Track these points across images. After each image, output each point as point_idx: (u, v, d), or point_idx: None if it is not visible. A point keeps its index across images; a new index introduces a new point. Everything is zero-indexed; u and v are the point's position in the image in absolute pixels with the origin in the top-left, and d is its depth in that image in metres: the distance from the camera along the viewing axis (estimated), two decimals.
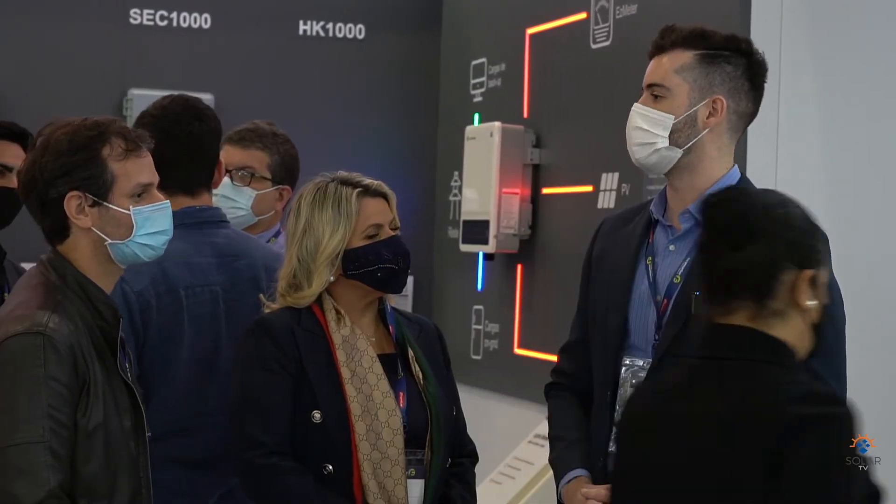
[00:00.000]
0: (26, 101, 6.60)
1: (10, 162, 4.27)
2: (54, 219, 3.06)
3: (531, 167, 6.21)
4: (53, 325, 2.94)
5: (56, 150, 3.04)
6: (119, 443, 3.00)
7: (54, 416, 2.89)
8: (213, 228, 3.77)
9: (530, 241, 6.22)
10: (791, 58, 4.76)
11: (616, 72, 5.50)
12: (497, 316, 6.50)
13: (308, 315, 3.54)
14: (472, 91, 6.87)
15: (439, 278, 7.15)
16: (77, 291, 3.03)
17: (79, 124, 3.07)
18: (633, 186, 5.39)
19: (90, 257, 3.07)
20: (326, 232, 3.51)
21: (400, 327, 3.62)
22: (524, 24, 6.35)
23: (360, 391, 3.47)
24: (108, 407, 2.99)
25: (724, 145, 3.28)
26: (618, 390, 3.28)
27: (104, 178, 3.05)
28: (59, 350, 2.92)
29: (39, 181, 3.04)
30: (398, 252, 3.54)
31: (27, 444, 2.86)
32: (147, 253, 3.12)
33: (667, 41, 3.29)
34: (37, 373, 2.89)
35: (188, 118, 3.77)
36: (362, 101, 7.29)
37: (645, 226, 3.34)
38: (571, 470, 3.31)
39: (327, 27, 7.28)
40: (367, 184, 3.56)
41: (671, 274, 3.26)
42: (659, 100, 3.26)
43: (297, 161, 4.68)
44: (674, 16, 4.99)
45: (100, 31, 7.01)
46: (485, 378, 6.51)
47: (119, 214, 3.06)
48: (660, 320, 3.24)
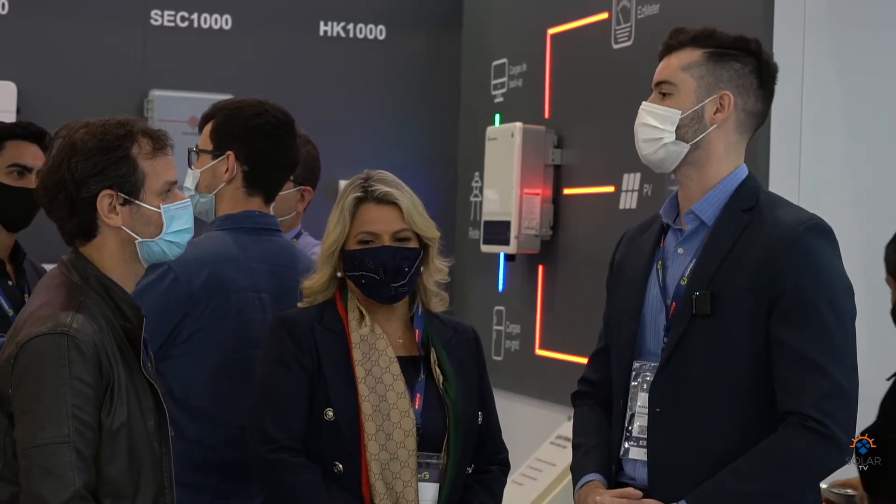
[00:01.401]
0: (48, 103, 6.62)
1: (30, 163, 4.29)
2: (83, 219, 3.06)
3: (552, 168, 6.20)
4: (77, 325, 2.94)
5: (86, 150, 3.03)
6: (142, 443, 3.01)
7: (79, 416, 2.89)
8: (267, 236, 3.81)
9: (551, 242, 6.21)
10: (814, 56, 4.74)
11: (638, 72, 5.48)
12: (518, 317, 6.49)
13: (331, 313, 3.56)
14: (493, 91, 6.86)
15: (460, 279, 7.13)
16: (99, 291, 3.04)
17: (103, 124, 3.08)
18: (655, 187, 5.38)
19: (116, 257, 3.08)
20: (330, 227, 3.57)
21: (427, 330, 3.62)
22: (545, 25, 6.34)
23: (374, 391, 3.47)
24: (132, 407, 2.99)
25: (732, 143, 3.27)
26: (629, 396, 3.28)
27: (135, 176, 3.06)
28: (82, 350, 2.92)
29: (69, 181, 3.03)
30: (383, 264, 3.52)
31: (53, 445, 2.86)
32: (173, 251, 3.13)
33: (675, 41, 3.29)
34: (61, 373, 2.89)
35: (294, 133, 3.87)
36: (383, 101, 7.29)
37: (658, 231, 3.35)
38: (586, 475, 3.32)
39: (348, 28, 7.28)
40: (373, 190, 3.56)
41: (679, 276, 3.26)
42: (666, 97, 3.27)
43: (318, 162, 4.69)
44: (696, 15, 4.99)
45: (121, 33, 7.02)
46: (506, 379, 6.50)
47: (149, 213, 3.08)
48: (669, 323, 3.24)
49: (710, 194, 3.25)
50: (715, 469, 3.13)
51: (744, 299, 3.14)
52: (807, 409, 3.08)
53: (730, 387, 3.16)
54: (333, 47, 7.24)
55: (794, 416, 3.09)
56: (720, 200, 3.25)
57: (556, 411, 5.61)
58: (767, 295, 3.13)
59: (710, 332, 3.16)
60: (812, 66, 4.73)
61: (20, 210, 4.29)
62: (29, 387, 2.90)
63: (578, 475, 3.35)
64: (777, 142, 4.64)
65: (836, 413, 3.09)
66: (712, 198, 3.25)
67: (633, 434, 3.26)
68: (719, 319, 3.15)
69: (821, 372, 3.09)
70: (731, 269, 3.17)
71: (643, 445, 3.24)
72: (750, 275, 3.14)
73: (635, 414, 3.26)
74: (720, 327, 3.16)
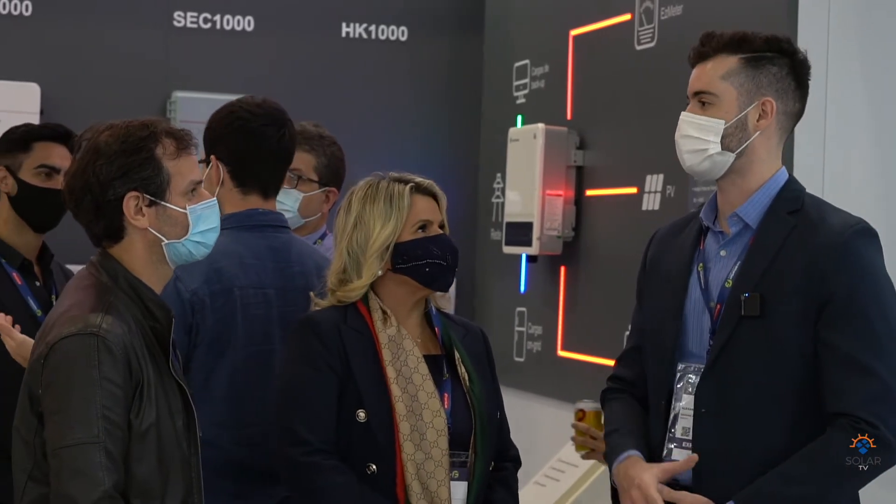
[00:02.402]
0: (71, 104, 6.64)
1: (58, 163, 4.31)
2: (110, 221, 3.06)
3: (574, 169, 6.19)
4: (107, 325, 2.94)
5: (110, 153, 3.03)
6: (171, 443, 3.01)
7: (108, 416, 2.89)
8: (272, 233, 3.79)
9: (574, 243, 6.20)
10: (838, 56, 4.72)
11: (661, 73, 5.48)
12: (540, 318, 6.48)
13: (354, 314, 3.54)
14: (515, 93, 6.85)
15: (482, 280, 7.13)
16: (128, 292, 3.04)
17: (126, 125, 3.08)
18: (678, 188, 5.36)
19: (144, 258, 3.08)
20: (377, 224, 3.53)
21: (446, 329, 3.62)
22: (568, 26, 6.33)
23: (406, 391, 3.46)
24: (161, 408, 3.00)
25: (773, 147, 3.28)
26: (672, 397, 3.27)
27: (160, 177, 3.06)
28: (112, 351, 2.92)
29: (94, 184, 3.03)
30: (447, 249, 3.56)
31: (83, 445, 2.86)
32: (200, 251, 3.13)
33: (708, 48, 3.28)
34: (91, 373, 2.89)
35: (274, 123, 3.81)
36: (405, 103, 7.29)
37: (697, 233, 3.34)
38: (625, 451, 3.29)
39: (370, 29, 7.28)
40: (419, 181, 3.59)
41: (723, 279, 3.25)
42: (707, 107, 3.25)
43: (343, 163, 4.69)
44: (720, 16, 4.98)
45: (144, 34, 7.04)
46: (528, 380, 6.49)
47: (176, 213, 3.08)
48: (714, 325, 3.23)
49: (753, 198, 3.25)
50: (760, 471, 3.12)
51: (792, 302, 3.14)
52: (856, 411, 3.08)
53: (777, 388, 3.15)
54: (356, 49, 7.25)
55: (843, 419, 3.09)
56: (763, 204, 3.25)
57: None
58: (816, 298, 3.13)
59: (758, 333, 3.16)
60: (837, 65, 4.71)
61: (48, 211, 4.31)
62: (59, 387, 2.91)
63: (616, 453, 3.31)
64: (801, 141, 4.63)
65: (885, 415, 3.09)
66: (756, 201, 3.25)
67: (675, 435, 3.26)
68: (768, 321, 3.15)
69: (870, 374, 3.09)
70: (779, 272, 3.17)
71: (686, 447, 3.23)
72: (798, 277, 3.15)
73: (679, 415, 3.25)
74: (768, 329, 3.15)
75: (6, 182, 4.30)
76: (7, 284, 4.22)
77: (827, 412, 3.12)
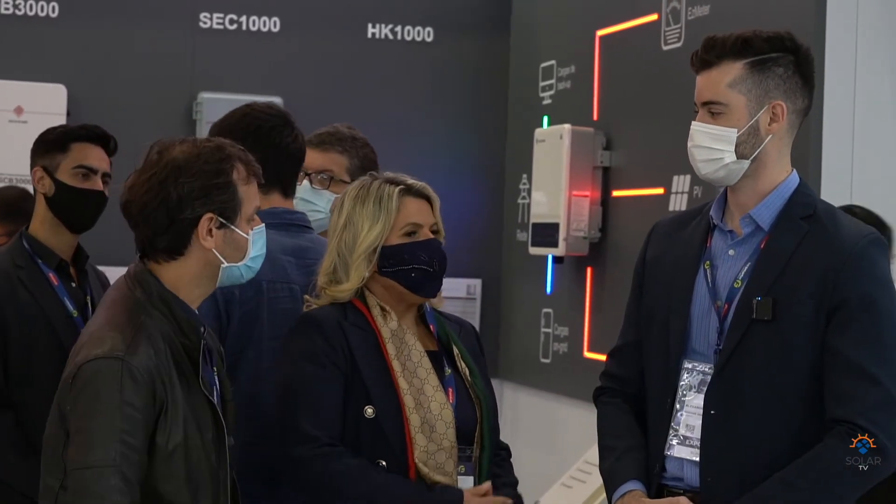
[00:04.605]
0: (98, 105, 6.65)
1: (95, 165, 4.31)
2: (178, 237, 3.08)
3: (601, 169, 6.18)
4: (133, 349, 2.98)
5: (193, 171, 3.06)
6: (200, 459, 3.05)
7: (127, 440, 2.93)
8: (297, 232, 3.82)
9: (600, 244, 6.18)
10: (867, 55, 4.70)
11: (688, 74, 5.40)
12: (566, 319, 6.47)
13: (354, 310, 3.53)
14: (542, 93, 6.84)
15: (508, 281, 7.12)
16: (161, 308, 3.06)
17: (201, 144, 3.11)
18: (705, 189, 5.34)
19: (194, 275, 3.11)
20: (365, 226, 3.52)
21: (441, 325, 3.61)
22: (594, 26, 6.31)
23: (412, 384, 3.46)
24: (189, 426, 3.03)
25: (784, 147, 3.26)
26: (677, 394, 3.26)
27: (235, 202, 3.10)
28: (135, 376, 2.96)
29: (174, 200, 3.05)
30: (434, 255, 3.53)
31: (100, 468, 2.91)
32: (249, 275, 3.18)
33: (711, 55, 3.24)
34: (114, 398, 2.94)
35: (287, 125, 3.87)
36: (431, 103, 7.28)
37: (704, 230, 3.32)
38: (625, 483, 3.28)
39: (396, 30, 7.28)
40: (411, 184, 3.57)
41: (731, 278, 3.24)
42: (717, 116, 3.23)
43: (376, 165, 4.69)
44: (747, 16, 4.96)
45: (170, 35, 7.05)
46: (554, 381, 6.48)
47: (240, 238, 3.12)
48: (721, 325, 3.22)
49: (767, 200, 3.23)
50: (768, 473, 3.11)
51: (804, 307, 3.13)
52: (856, 418, 3.07)
53: (786, 392, 3.14)
54: (381, 49, 7.24)
55: (842, 426, 3.08)
56: (777, 206, 3.23)
57: None
58: (827, 304, 3.12)
59: (769, 337, 3.15)
60: (865, 64, 4.69)
61: (85, 212, 4.31)
62: (82, 408, 2.96)
63: (614, 483, 3.30)
64: (829, 142, 4.61)
65: (884, 423, 3.08)
66: (769, 203, 3.23)
67: (679, 432, 3.24)
68: (779, 325, 3.14)
69: (872, 381, 3.09)
70: (792, 276, 3.15)
71: (691, 445, 3.22)
72: (811, 283, 3.14)
73: (684, 412, 3.24)
74: (780, 333, 3.14)
75: (43, 183, 4.31)
76: (44, 285, 4.23)
77: (827, 417, 3.11)
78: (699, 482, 3.20)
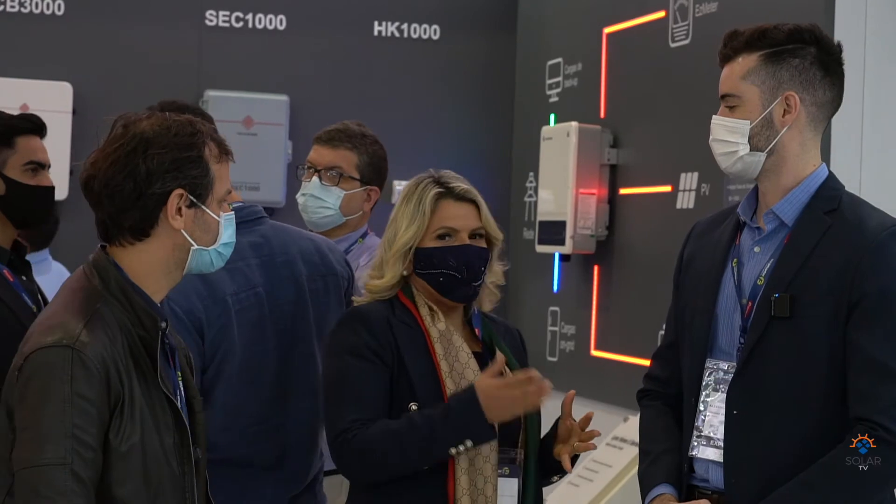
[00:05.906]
0: (104, 103, 6.64)
1: (43, 158, 4.01)
2: (145, 214, 2.85)
3: (608, 167, 6.16)
4: (85, 337, 2.74)
5: (163, 143, 2.84)
6: (159, 462, 2.82)
7: (79, 436, 2.70)
8: (250, 227, 3.70)
9: (607, 242, 6.17)
10: (876, 52, 4.69)
11: (695, 71, 5.44)
12: (573, 317, 6.46)
13: (402, 308, 3.51)
14: (548, 91, 6.82)
15: (515, 279, 7.10)
16: (119, 297, 2.84)
17: (171, 119, 2.90)
18: (712, 186, 5.33)
19: (161, 261, 2.89)
20: (402, 225, 3.51)
21: (486, 328, 3.59)
22: (601, 24, 6.30)
23: (459, 386, 3.43)
24: (146, 424, 2.80)
25: (806, 140, 3.22)
26: (700, 394, 3.24)
27: (206, 179, 2.88)
28: (88, 366, 2.72)
29: (142, 172, 2.82)
30: (465, 261, 3.49)
31: (49, 467, 2.67)
32: (218, 263, 2.97)
33: (730, 48, 3.24)
34: (63, 389, 2.70)
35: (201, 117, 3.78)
36: (437, 101, 7.27)
37: (733, 228, 3.30)
38: (656, 486, 3.27)
39: (402, 28, 7.26)
40: (453, 186, 3.53)
41: (755, 276, 3.21)
42: (734, 109, 3.22)
43: (385, 162, 4.68)
44: (755, 13, 4.94)
45: (176, 33, 7.05)
46: (561, 380, 6.44)
47: (210, 220, 2.90)
48: (745, 323, 3.20)
49: (791, 195, 3.21)
50: (793, 474, 3.08)
51: (823, 302, 3.11)
52: (877, 417, 3.04)
53: (807, 390, 3.12)
54: (388, 47, 7.23)
55: (863, 424, 3.05)
56: (801, 201, 3.20)
57: (612, 412, 5.55)
58: (847, 299, 3.09)
59: (788, 334, 3.12)
60: (874, 60, 4.68)
61: (39, 209, 4.03)
62: (30, 403, 2.72)
63: (646, 487, 3.30)
64: (838, 137, 4.60)
65: None
66: (793, 198, 3.21)
67: (703, 433, 3.23)
68: (798, 322, 3.12)
69: (894, 378, 3.05)
70: (811, 272, 3.13)
71: (715, 445, 3.20)
72: (830, 278, 3.11)
73: (707, 412, 3.22)
74: (799, 330, 3.12)
75: None
76: (4, 283, 3.92)
77: (850, 415, 3.09)
78: (724, 484, 3.18)
